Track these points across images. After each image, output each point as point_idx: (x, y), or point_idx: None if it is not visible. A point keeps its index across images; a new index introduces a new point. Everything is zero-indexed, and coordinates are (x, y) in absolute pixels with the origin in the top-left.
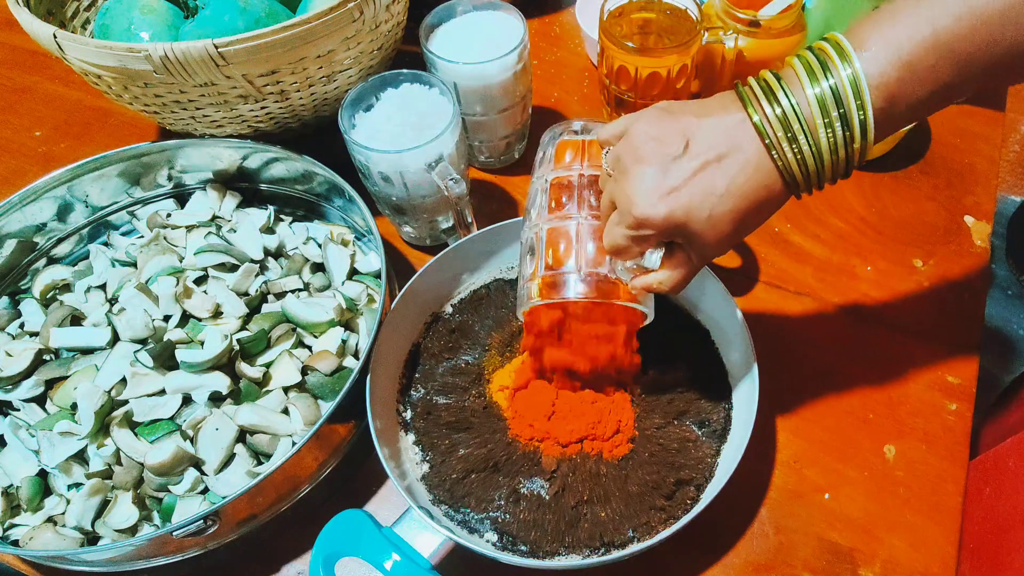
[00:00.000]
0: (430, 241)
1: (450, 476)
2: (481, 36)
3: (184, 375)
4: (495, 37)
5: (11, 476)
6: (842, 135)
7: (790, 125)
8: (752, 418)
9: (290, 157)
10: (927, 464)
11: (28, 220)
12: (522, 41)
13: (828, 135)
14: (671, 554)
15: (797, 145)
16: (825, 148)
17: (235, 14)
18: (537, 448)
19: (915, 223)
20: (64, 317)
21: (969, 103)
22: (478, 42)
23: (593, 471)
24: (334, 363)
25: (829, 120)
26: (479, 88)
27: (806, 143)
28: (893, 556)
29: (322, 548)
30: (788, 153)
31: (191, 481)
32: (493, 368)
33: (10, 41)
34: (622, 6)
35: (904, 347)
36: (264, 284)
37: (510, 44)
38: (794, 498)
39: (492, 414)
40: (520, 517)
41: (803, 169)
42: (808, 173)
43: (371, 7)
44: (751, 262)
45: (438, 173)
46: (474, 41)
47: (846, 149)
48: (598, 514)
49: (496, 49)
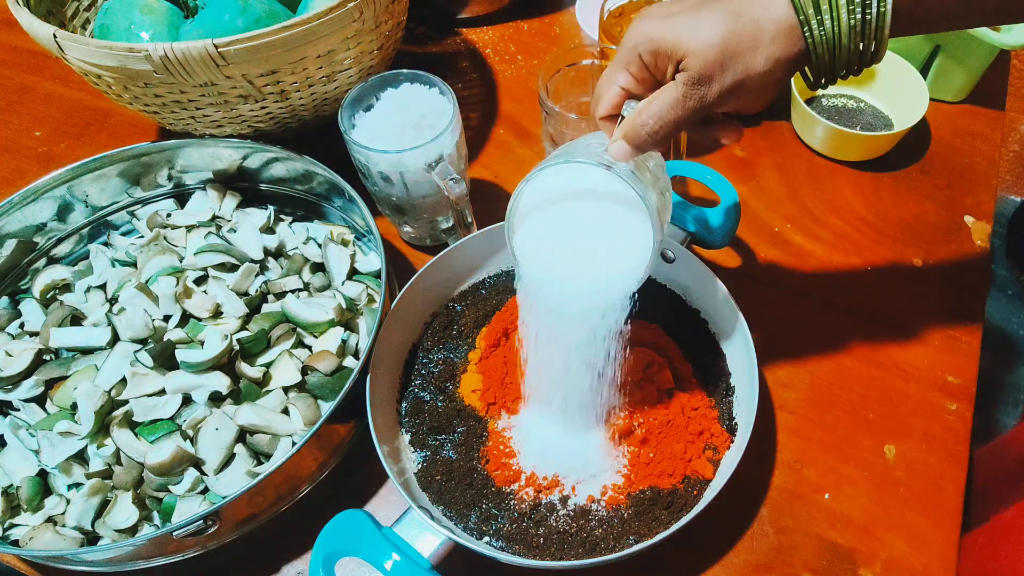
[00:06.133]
0: (430, 241)
1: (435, 478)
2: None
3: (184, 375)
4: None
5: (11, 476)
6: (861, 18)
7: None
8: (752, 418)
9: (290, 157)
10: (927, 464)
11: (28, 220)
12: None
13: (852, 17)
14: (671, 554)
15: (821, 15)
16: (845, 29)
17: (235, 14)
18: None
19: (915, 223)
20: (64, 317)
21: (969, 103)
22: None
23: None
24: (334, 363)
25: (854, 6)
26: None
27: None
28: (893, 556)
29: (322, 548)
30: (814, 22)
31: (191, 481)
32: (464, 369)
33: (10, 41)
34: (622, 6)
35: (904, 347)
36: (264, 284)
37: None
38: (794, 498)
39: (469, 415)
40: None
41: (820, 27)
42: (825, 36)
43: (371, 7)
44: (751, 262)
45: (438, 173)
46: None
47: (863, 34)
48: (594, 531)
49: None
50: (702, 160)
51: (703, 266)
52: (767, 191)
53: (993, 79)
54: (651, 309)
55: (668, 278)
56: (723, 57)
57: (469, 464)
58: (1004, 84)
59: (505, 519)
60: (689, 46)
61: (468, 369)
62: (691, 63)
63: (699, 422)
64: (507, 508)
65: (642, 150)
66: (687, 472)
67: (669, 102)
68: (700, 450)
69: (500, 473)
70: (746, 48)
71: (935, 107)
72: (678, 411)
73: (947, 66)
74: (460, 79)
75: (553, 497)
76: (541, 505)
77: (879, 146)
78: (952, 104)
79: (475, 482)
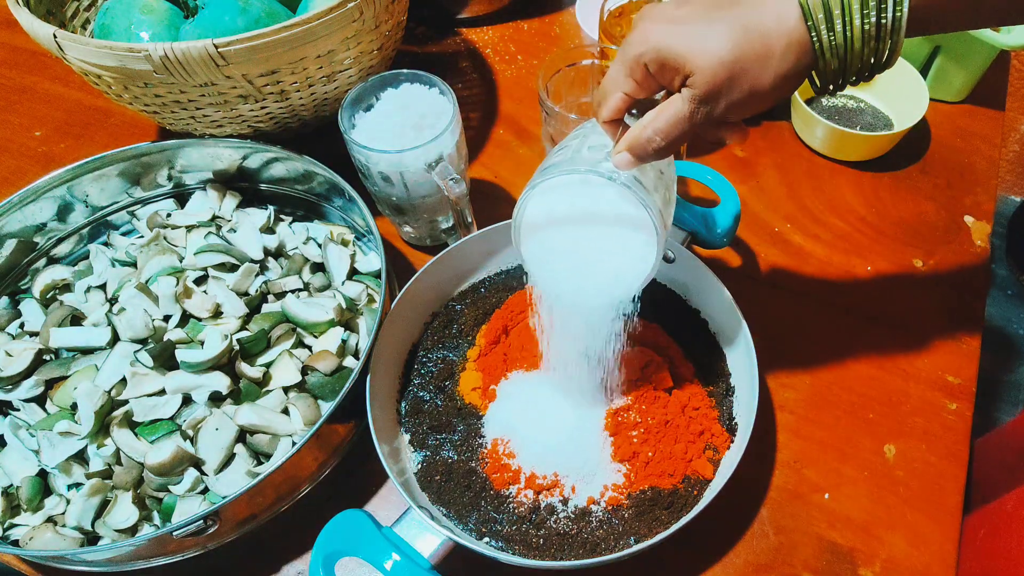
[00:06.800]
0: (430, 241)
1: (435, 478)
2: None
3: (184, 375)
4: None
5: (11, 476)
6: (876, 22)
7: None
8: (752, 418)
9: (290, 157)
10: (927, 464)
11: (28, 220)
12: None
13: (866, 20)
14: (671, 554)
15: (832, 20)
16: (858, 34)
17: (235, 14)
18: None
19: (915, 223)
20: (64, 317)
21: (969, 103)
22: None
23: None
24: (334, 363)
25: (868, 10)
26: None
27: (840, 22)
28: (893, 556)
29: (322, 548)
30: (823, 27)
31: (191, 481)
32: (463, 367)
33: (10, 41)
34: (622, 6)
35: (904, 347)
36: (264, 284)
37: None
38: (794, 498)
39: (468, 413)
40: (504, 532)
41: (831, 33)
42: (835, 42)
43: (371, 7)
44: (751, 262)
45: (438, 173)
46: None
47: (877, 38)
48: (594, 532)
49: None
50: (702, 160)
51: (703, 266)
52: (767, 191)
53: (993, 79)
54: (651, 309)
55: (668, 278)
56: (731, 75)
57: (468, 466)
58: (1004, 84)
59: (505, 522)
60: (697, 63)
61: (467, 367)
62: (698, 81)
63: (700, 422)
64: (506, 511)
65: (645, 161)
66: (687, 472)
67: (675, 118)
68: (700, 450)
69: (499, 476)
70: (754, 65)
71: (935, 107)
72: (678, 411)
73: (947, 66)
74: (460, 79)
75: (553, 499)
76: (541, 508)
77: (879, 146)
78: (952, 104)
79: (473, 484)
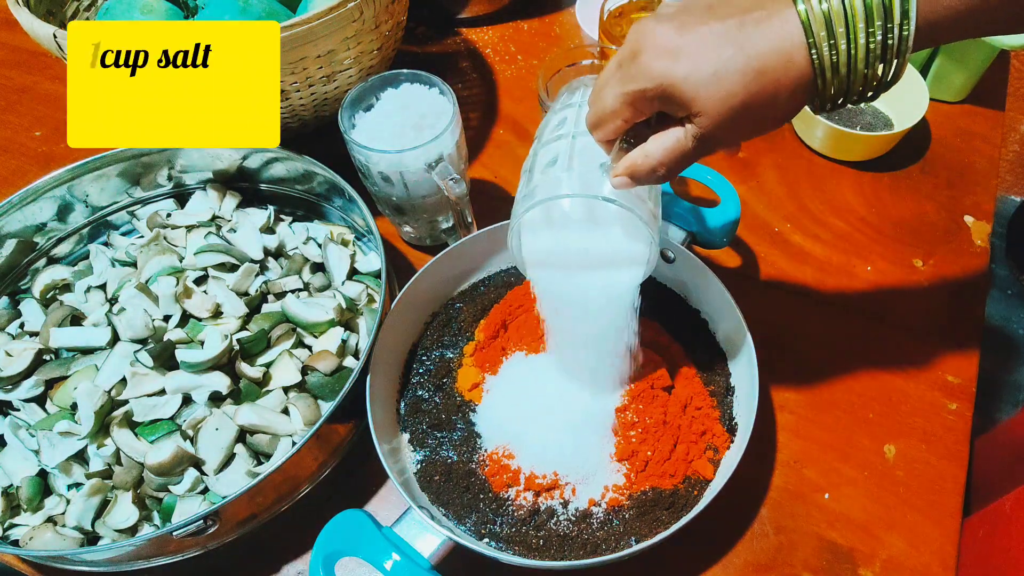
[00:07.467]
0: (430, 241)
1: (434, 478)
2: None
3: (184, 375)
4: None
5: (11, 476)
6: (882, 41)
7: (833, 21)
8: (752, 418)
9: (290, 157)
10: (927, 464)
11: (28, 220)
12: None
13: (871, 39)
14: (671, 554)
15: (835, 39)
16: (861, 55)
17: (235, 14)
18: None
19: (915, 223)
20: (64, 317)
21: (969, 103)
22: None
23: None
24: (334, 363)
25: (873, 29)
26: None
27: (844, 39)
28: (893, 556)
29: (322, 548)
30: (824, 45)
31: (191, 481)
32: (460, 363)
33: (10, 41)
34: (622, 6)
35: (904, 347)
36: (264, 284)
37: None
38: (794, 498)
39: (467, 410)
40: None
41: (833, 54)
42: (838, 63)
43: (371, 7)
44: (751, 262)
45: (438, 173)
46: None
47: (883, 58)
48: (595, 533)
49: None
50: (702, 160)
51: (703, 266)
52: (767, 191)
53: (993, 79)
54: (651, 309)
55: (668, 278)
56: (737, 117)
57: (468, 467)
58: (1004, 84)
59: (504, 524)
60: (704, 106)
61: (464, 363)
62: (704, 122)
63: (702, 422)
64: (506, 514)
65: (643, 184)
66: (688, 472)
67: (678, 152)
68: (701, 451)
69: (498, 478)
70: (762, 108)
71: (935, 107)
72: (679, 411)
73: (947, 66)
74: (460, 79)
75: (553, 502)
76: (541, 510)
77: (879, 146)
78: (952, 104)
79: (472, 486)
